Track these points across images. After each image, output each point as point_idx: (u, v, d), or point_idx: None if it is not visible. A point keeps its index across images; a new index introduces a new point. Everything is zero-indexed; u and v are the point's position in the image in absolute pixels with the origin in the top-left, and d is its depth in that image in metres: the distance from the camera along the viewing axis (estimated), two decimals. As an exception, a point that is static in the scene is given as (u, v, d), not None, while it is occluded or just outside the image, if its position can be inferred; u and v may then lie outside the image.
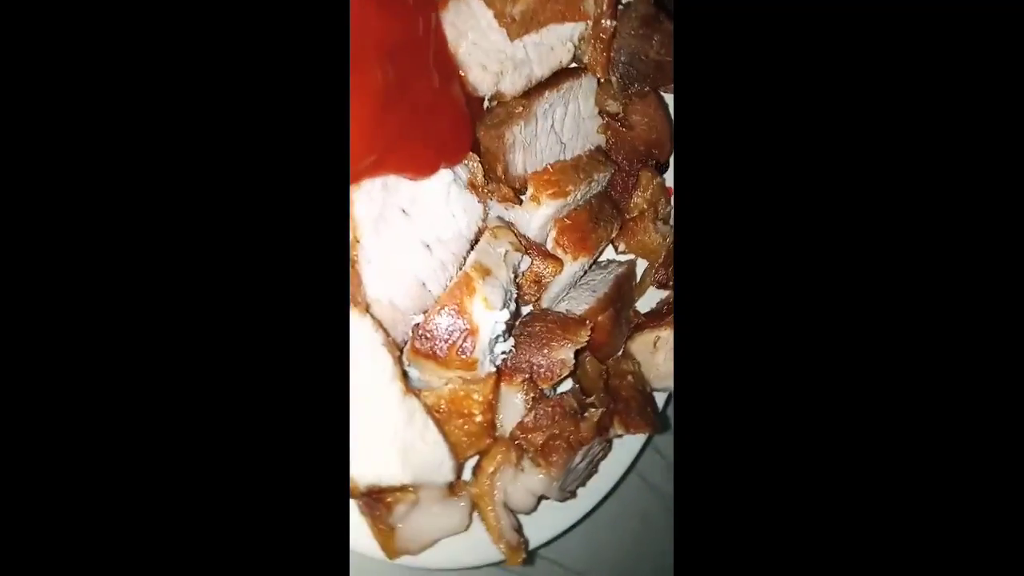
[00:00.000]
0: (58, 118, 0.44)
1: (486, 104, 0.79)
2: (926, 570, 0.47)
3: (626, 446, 0.89)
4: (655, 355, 0.96)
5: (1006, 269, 0.47)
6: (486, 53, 0.74)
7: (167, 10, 0.44)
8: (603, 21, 0.79)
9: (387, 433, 0.60)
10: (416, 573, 0.74)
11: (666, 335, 0.95)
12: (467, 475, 0.73)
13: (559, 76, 0.84)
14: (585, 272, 0.96)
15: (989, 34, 0.47)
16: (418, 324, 0.63)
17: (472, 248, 0.75)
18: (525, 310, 0.86)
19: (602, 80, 0.89)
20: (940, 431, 0.47)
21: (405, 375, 0.62)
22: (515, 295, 0.73)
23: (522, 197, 0.84)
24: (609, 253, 1.02)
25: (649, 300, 1.05)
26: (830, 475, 0.48)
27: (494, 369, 0.68)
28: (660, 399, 1.00)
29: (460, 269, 0.71)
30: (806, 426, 0.48)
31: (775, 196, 0.48)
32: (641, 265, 1.04)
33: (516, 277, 0.77)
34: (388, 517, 0.61)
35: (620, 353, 0.95)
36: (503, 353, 0.72)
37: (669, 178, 1.04)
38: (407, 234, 0.68)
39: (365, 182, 0.63)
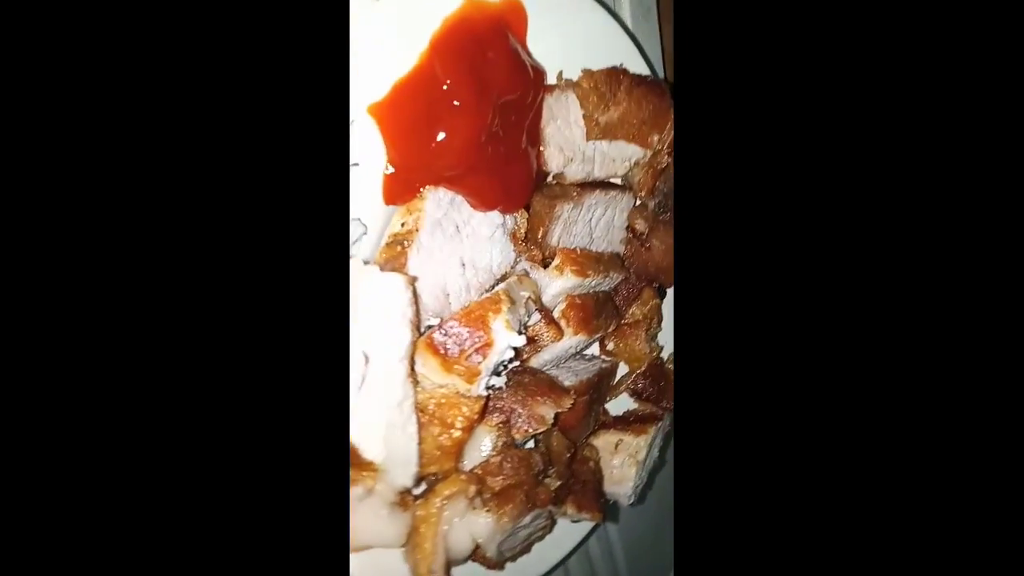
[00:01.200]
0: (65, 116, 0.44)
1: (549, 179, 0.91)
2: (925, 569, 0.46)
3: (570, 533, 0.87)
4: (614, 457, 0.98)
5: (1006, 269, 0.45)
6: (565, 140, 0.88)
7: (168, 10, 0.45)
8: (661, 156, 0.95)
9: (380, 405, 0.59)
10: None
11: (628, 440, 0.99)
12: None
13: (610, 184, 0.99)
14: (572, 356, 1.02)
15: (989, 34, 0.46)
16: (444, 320, 0.66)
17: (495, 285, 0.81)
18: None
19: (639, 202, 1.04)
20: (938, 435, 0.46)
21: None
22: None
23: (547, 264, 0.93)
24: (594, 350, 1.10)
25: (620, 405, 1.10)
26: (828, 484, 0.47)
27: (485, 395, 0.69)
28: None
29: (481, 295, 0.76)
30: (805, 433, 0.48)
31: (772, 204, 0.49)
32: (622, 371, 1.11)
33: (525, 327, 0.82)
34: (342, 494, 0.58)
35: (584, 440, 0.97)
36: (494, 388, 0.74)
37: (667, 304, 1.16)
38: (453, 247, 0.74)
39: (443, 189, 0.71)
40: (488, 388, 0.69)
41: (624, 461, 0.96)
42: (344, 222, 0.63)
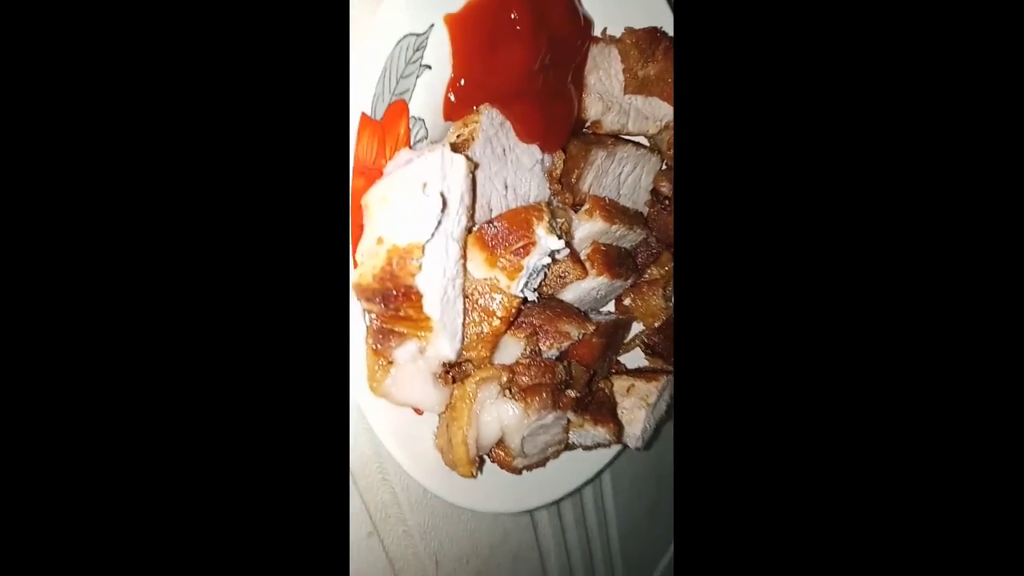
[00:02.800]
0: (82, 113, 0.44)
1: (586, 127, 0.98)
2: (925, 569, 0.46)
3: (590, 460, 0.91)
4: (625, 399, 1.02)
5: (1005, 269, 0.45)
6: (605, 89, 0.95)
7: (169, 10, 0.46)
8: None
9: (439, 268, 0.63)
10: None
11: (640, 384, 1.03)
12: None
13: (640, 144, 1.06)
14: (591, 305, 1.07)
15: (988, 34, 0.45)
16: (492, 219, 0.72)
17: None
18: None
19: (666, 166, 1.11)
20: (937, 434, 0.47)
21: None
22: (550, 262, 0.83)
23: (577, 209, 0.99)
24: (610, 309, 1.15)
25: (631, 360, 1.15)
26: (828, 476, 0.48)
27: (521, 296, 0.74)
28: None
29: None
30: (804, 428, 0.49)
31: (771, 205, 0.49)
32: (636, 330, 1.16)
33: (553, 259, 0.87)
34: (392, 350, 0.62)
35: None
36: (526, 300, 0.79)
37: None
38: (499, 168, 0.80)
39: (497, 108, 0.77)
40: (523, 292, 0.74)
41: (635, 403, 1.00)
42: (344, 220, 0.65)
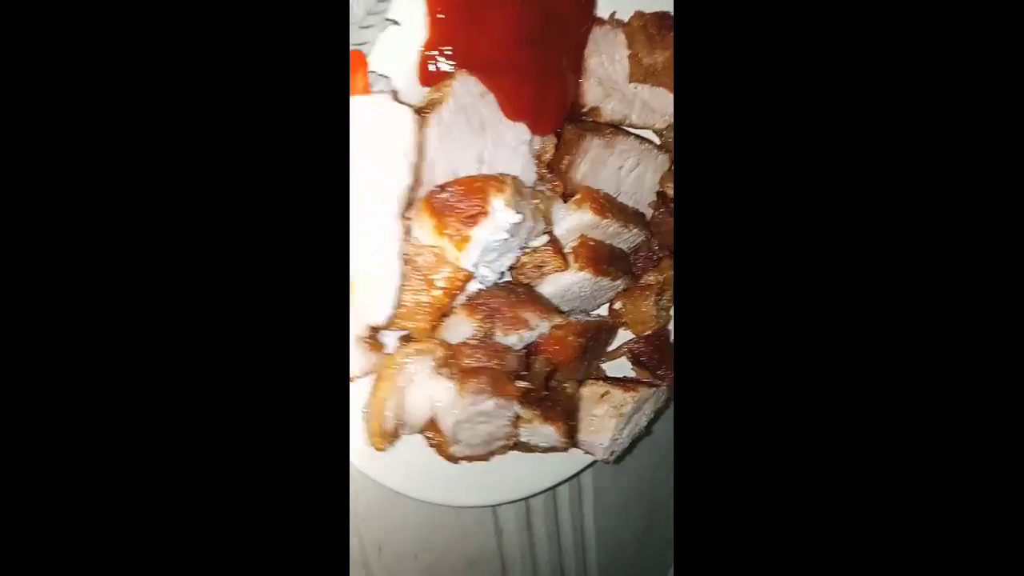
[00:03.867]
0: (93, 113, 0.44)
1: (584, 112, 0.93)
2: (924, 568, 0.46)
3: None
4: (597, 406, 0.95)
5: (1004, 269, 0.45)
6: (606, 75, 0.90)
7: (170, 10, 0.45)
8: None
9: (371, 228, 0.61)
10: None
11: (615, 392, 0.96)
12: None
13: (646, 139, 0.99)
14: (576, 304, 1.01)
15: (989, 34, 0.46)
16: (446, 184, 0.69)
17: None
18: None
19: (672, 167, 1.04)
20: (935, 434, 0.47)
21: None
22: (518, 244, 0.79)
23: (568, 199, 0.94)
24: (603, 312, 1.08)
25: (616, 369, 1.07)
26: (827, 476, 0.47)
27: (471, 271, 0.70)
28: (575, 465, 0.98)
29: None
30: (804, 427, 0.48)
31: (770, 208, 0.49)
32: (626, 337, 1.08)
33: (527, 239, 0.83)
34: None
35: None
36: (485, 280, 0.75)
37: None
38: (473, 139, 0.77)
39: (475, 79, 0.74)
40: (476, 269, 0.70)
41: (607, 412, 0.93)
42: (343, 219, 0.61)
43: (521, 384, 0.74)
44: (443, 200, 0.65)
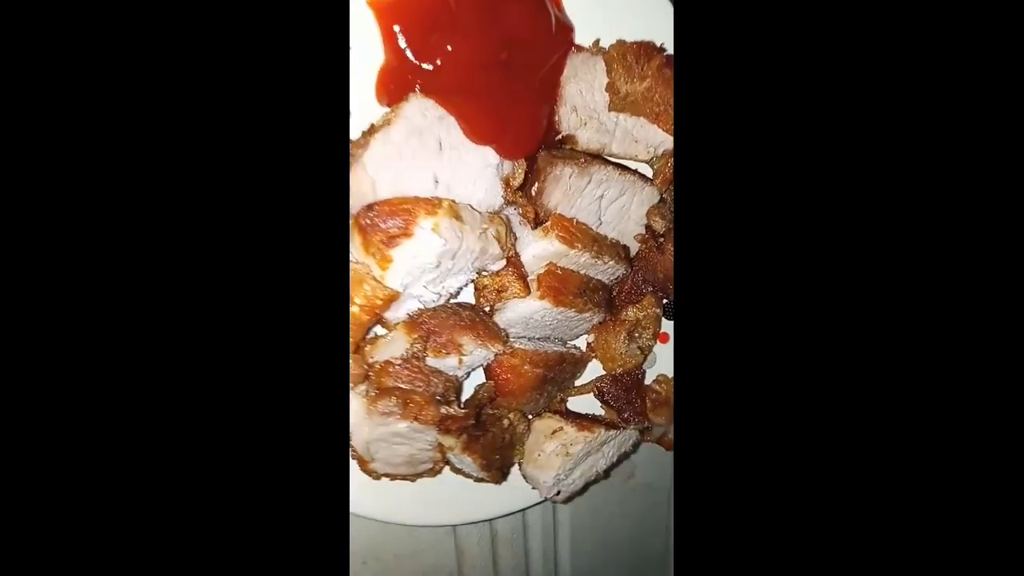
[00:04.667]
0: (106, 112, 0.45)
1: (559, 138, 0.92)
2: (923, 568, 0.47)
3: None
4: (547, 441, 0.92)
5: (1004, 269, 0.46)
6: (583, 103, 0.88)
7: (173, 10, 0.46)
8: None
9: None
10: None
11: (568, 430, 0.92)
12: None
13: (630, 169, 0.96)
14: (546, 334, 0.98)
15: (988, 34, 0.46)
16: (377, 203, 0.70)
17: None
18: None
19: (661, 198, 0.99)
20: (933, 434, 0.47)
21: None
22: (462, 268, 0.78)
23: (539, 225, 0.92)
24: (581, 344, 1.04)
25: (582, 405, 1.03)
26: (826, 480, 0.48)
27: (398, 291, 0.71)
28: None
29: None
30: (804, 431, 0.49)
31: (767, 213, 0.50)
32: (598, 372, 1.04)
33: (474, 263, 0.81)
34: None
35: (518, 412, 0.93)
36: (421, 300, 0.76)
37: (668, 326, 1.07)
38: (429, 160, 0.78)
39: (432, 101, 0.75)
40: (409, 289, 0.70)
41: (555, 449, 0.90)
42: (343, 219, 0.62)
43: (445, 410, 0.73)
44: (369, 219, 0.67)
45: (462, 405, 0.81)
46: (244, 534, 0.48)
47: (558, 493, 0.92)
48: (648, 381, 1.06)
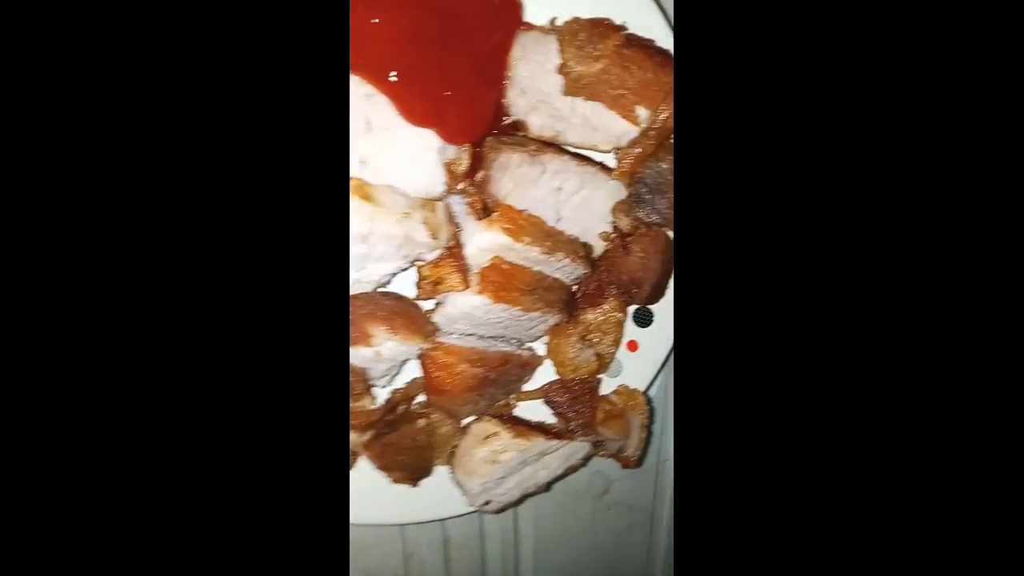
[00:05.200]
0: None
1: (508, 123, 0.86)
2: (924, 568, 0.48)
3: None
4: (480, 447, 0.86)
5: (1003, 270, 0.46)
6: (532, 85, 0.81)
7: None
8: (647, 138, 0.82)
9: None
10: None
11: (504, 437, 0.86)
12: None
13: (590, 160, 0.88)
14: (494, 337, 0.92)
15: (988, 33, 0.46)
16: None
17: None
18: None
19: (629, 195, 0.90)
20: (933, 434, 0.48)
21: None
22: (383, 254, 0.73)
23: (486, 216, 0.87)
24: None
25: (532, 412, 0.96)
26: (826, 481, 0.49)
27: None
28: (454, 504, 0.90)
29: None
30: (805, 432, 0.49)
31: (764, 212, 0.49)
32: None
33: (400, 249, 0.76)
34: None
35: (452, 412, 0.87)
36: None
37: (636, 334, 0.99)
38: (355, 141, 0.74)
39: (358, 77, 0.72)
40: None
41: (485, 456, 0.84)
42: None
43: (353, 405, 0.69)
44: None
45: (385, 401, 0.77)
46: (237, 534, 0.47)
47: (487, 503, 0.86)
48: (608, 391, 0.98)
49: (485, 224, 0.84)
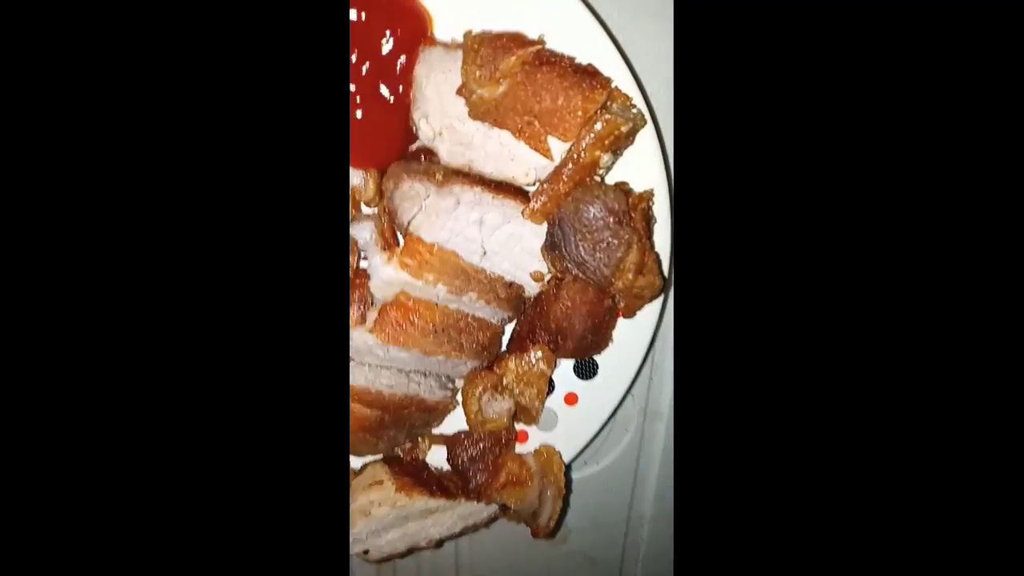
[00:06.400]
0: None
1: (416, 149, 0.77)
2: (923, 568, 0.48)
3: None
4: (361, 494, 0.81)
5: (1003, 270, 0.47)
6: (436, 109, 0.72)
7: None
8: (559, 176, 0.68)
9: None
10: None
11: (387, 487, 0.79)
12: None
13: (511, 190, 0.77)
14: (417, 371, 0.86)
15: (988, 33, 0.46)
16: None
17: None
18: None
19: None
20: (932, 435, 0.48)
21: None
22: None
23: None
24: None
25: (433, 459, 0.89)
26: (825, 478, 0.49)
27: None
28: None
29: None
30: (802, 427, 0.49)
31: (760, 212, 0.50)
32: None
33: None
34: None
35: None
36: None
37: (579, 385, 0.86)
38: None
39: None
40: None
41: (361, 506, 0.78)
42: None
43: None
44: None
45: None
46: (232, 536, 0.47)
47: (366, 552, 0.80)
48: (529, 449, 0.87)
49: (387, 256, 0.78)
